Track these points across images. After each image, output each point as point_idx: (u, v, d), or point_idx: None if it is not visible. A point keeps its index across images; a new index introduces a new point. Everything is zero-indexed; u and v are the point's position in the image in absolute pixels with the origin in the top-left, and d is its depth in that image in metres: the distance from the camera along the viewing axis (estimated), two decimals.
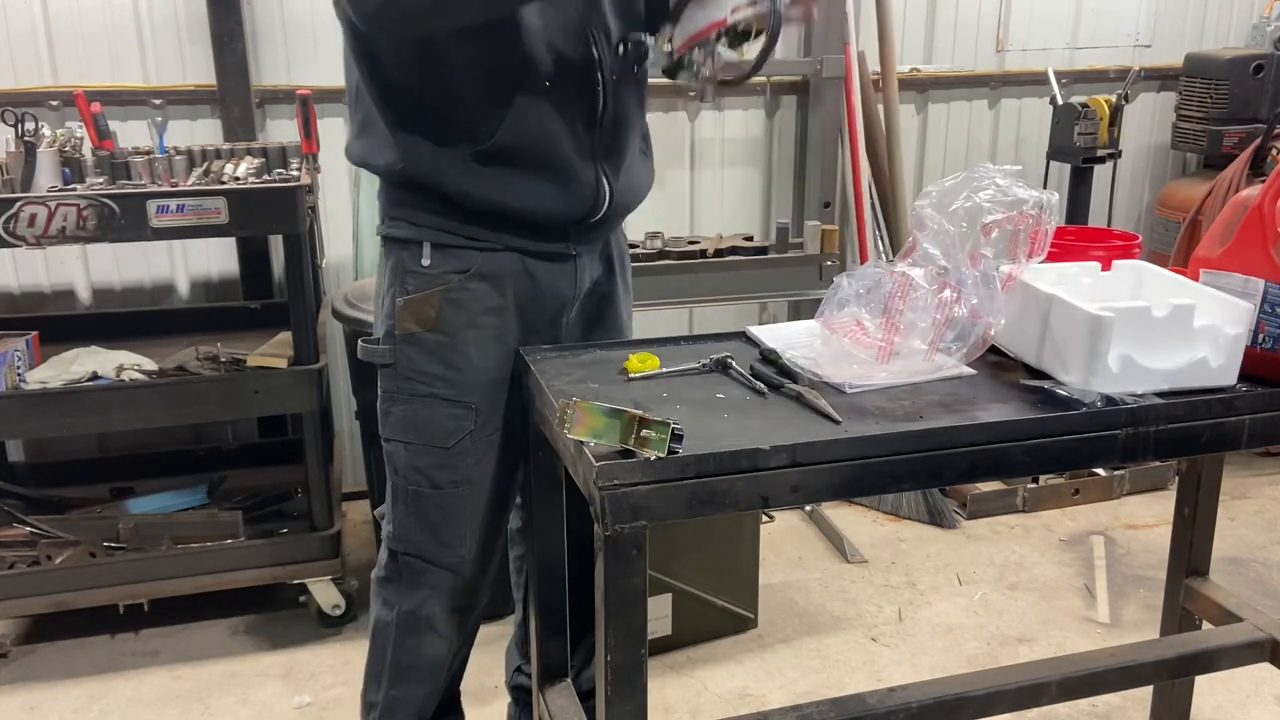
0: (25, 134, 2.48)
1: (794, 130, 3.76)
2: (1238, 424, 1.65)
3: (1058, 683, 2.02)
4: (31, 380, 2.60)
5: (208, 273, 3.33)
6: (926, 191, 1.72)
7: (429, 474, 1.81)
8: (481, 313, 1.77)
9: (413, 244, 1.76)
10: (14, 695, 2.62)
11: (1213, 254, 1.77)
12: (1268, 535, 3.40)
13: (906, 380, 1.66)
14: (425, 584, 1.87)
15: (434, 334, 1.76)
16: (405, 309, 1.76)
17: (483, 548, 1.88)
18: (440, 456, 1.80)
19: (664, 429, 1.36)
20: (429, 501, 1.83)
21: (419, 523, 1.84)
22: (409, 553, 1.87)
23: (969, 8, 3.86)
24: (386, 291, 1.80)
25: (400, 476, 1.84)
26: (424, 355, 1.77)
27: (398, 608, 1.89)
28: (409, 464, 1.82)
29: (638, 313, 3.51)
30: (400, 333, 1.77)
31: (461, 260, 1.75)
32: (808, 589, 3.10)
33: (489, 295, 1.77)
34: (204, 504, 2.96)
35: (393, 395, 1.81)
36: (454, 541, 1.85)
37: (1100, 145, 3.65)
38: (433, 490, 1.82)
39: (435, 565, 1.86)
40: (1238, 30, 4.21)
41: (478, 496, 1.84)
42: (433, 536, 1.84)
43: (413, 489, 1.83)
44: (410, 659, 1.91)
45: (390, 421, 1.83)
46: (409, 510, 1.85)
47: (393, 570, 1.90)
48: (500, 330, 1.79)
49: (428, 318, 1.76)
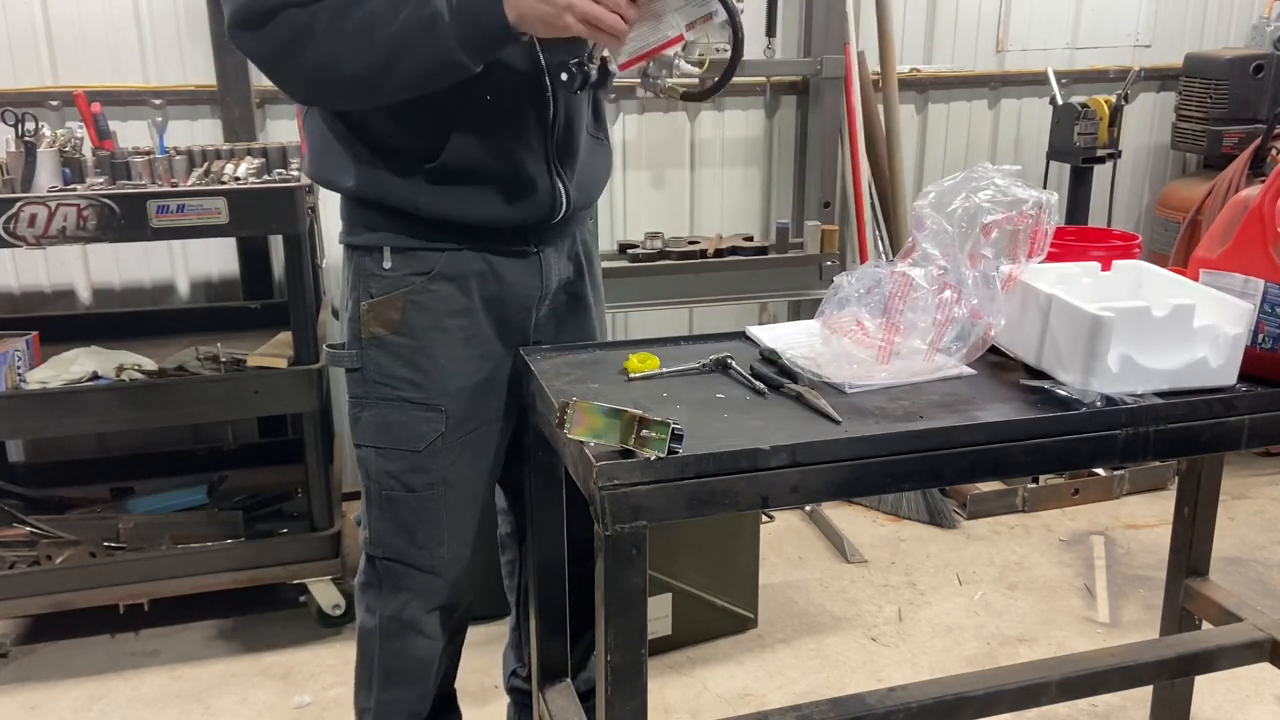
0: (25, 134, 2.48)
1: (794, 130, 3.76)
2: (1238, 424, 1.65)
3: (1058, 683, 2.01)
4: (31, 380, 2.60)
5: (208, 273, 3.33)
6: (925, 191, 1.72)
7: (402, 478, 1.79)
8: (447, 315, 1.75)
9: (373, 249, 1.74)
10: (14, 695, 2.62)
11: (1213, 254, 1.77)
12: (1268, 535, 3.40)
13: (906, 380, 1.66)
14: (405, 587, 1.85)
15: (399, 337, 1.74)
16: (369, 312, 1.75)
17: (463, 547, 1.86)
18: (412, 460, 1.78)
19: (664, 429, 1.36)
20: (403, 505, 1.80)
21: (395, 527, 1.82)
22: (387, 557, 1.84)
23: (969, 8, 3.86)
24: (349, 296, 1.79)
25: (373, 481, 1.82)
26: (390, 358, 1.75)
27: (379, 612, 1.87)
28: (381, 468, 1.80)
29: (638, 313, 3.56)
30: (366, 336, 1.76)
31: (423, 262, 1.73)
32: (808, 589, 3.10)
33: (454, 297, 1.75)
34: (204, 504, 2.95)
35: (361, 400, 1.79)
36: (431, 544, 1.82)
37: (1100, 145, 3.65)
38: (406, 494, 1.80)
39: (414, 568, 1.83)
40: (1238, 30, 4.20)
41: (454, 498, 1.82)
42: (409, 540, 1.82)
43: (386, 493, 1.81)
44: (397, 662, 1.89)
45: (360, 427, 1.81)
46: (384, 515, 1.82)
47: (372, 575, 1.87)
48: (469, 332, 1.77)
49: (392, 321, 1.74)
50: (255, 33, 1.55)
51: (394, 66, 1.54)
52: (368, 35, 1.52)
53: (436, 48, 1.52)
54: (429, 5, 1.51)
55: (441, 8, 1.50)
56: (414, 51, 1.52)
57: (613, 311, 3.30)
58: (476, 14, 1.50)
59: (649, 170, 3.65)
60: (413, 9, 1.51)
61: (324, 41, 1.53)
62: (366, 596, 1.90)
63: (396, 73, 1.54)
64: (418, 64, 1.54)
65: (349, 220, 1.78)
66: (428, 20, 1.50)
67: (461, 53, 1.52)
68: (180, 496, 2.97)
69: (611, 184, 3.58)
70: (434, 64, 1.54)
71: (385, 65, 1.54)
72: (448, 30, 1.50)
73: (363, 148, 1.70)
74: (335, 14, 1.53)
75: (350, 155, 1.71)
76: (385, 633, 1.88)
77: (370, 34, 1.52)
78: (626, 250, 3.29)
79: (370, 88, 1.58)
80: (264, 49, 1.58)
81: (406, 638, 1.87)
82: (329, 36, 1.53)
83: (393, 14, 1.52)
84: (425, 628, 1.88)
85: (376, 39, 1.52)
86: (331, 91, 1.62)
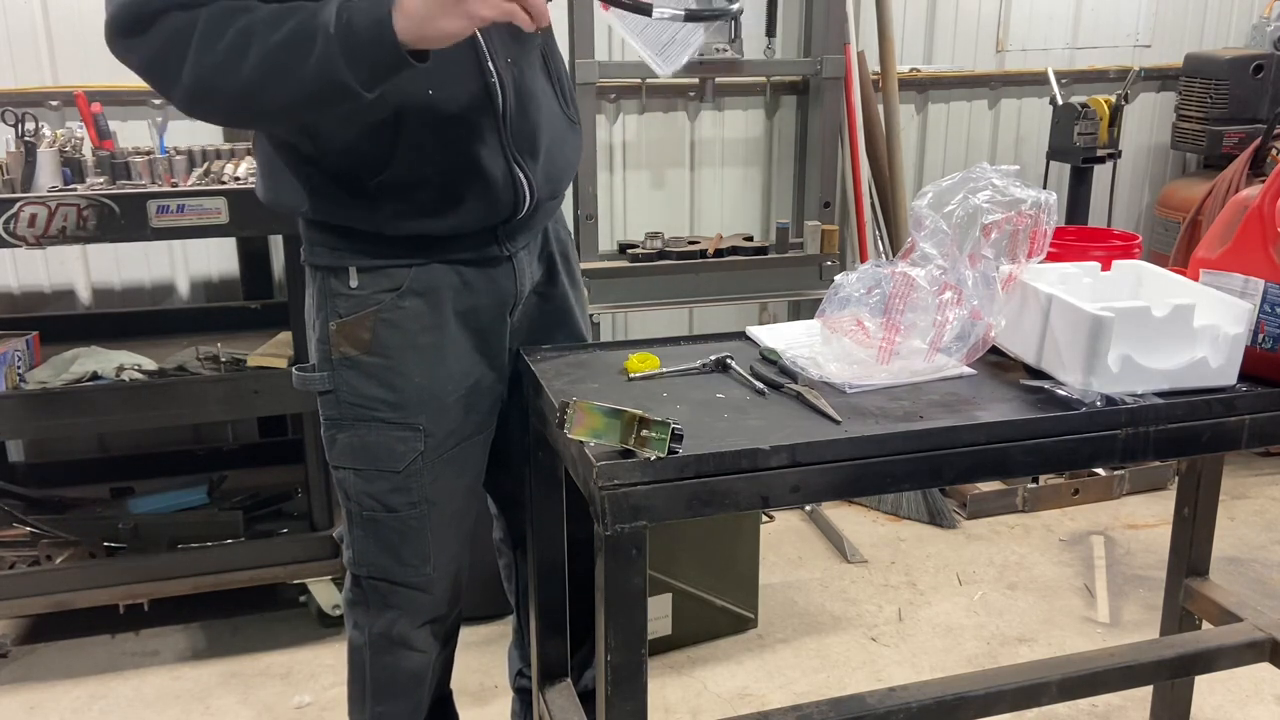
0: (25, 134, 2.48)
1: (794, 130, 3.76)
2: (1238, 424, 1.65)
3: (1058, 683, 2.02)
4: (31, 380, 2.60)
5: (208, 273, 3.33)
6: (923, 192, 1.71)
7: (382, 499, 1.74)
8: (419, 331, 1.68)
9: (338, 269, 1.67)
10: (14, 695, 2.62)
11: (1213, 254, 1.77)
12: (1268, 535, 3.40)
13: (906, 380, 1.66)
14: (393, 605, 1.80)
15: (371, 357, 1.68)
16: (338, 332, 1.68)
17: (450, 561, 1.82)
18: (393, 480, 1.72)
19: (664, 429, 1.36)
20: (386, 526, 1.75)
21: (379, 546, 1.77)
22: (372, 576, 1.79)
23: (969, 8, 3.86)
24: (316, 316, 1.71)
25: (353, 503, 1.76)
26: (363, 379, 1.69)
27: (368, 629, 1.83)
28: (361, 490, 1.74)
29: (638, 313, 3.56)
30: (336, 357, 1.69)
31: (391, 279, 1.66)
32: (808, 589, 3.10)
33: (425, 313, 1.68)
34: (204, 504, 2.95)
35: (336, 422, 1.73)
36: (417, 561, 1.78)
37: (1100, 145, 3.65)
38: (388, 514, 1.74)
39: (401, 585, 1.79)
40: (1238, 30, 4.21)
41: (437, 515, 1.77)
42: (394, 558, 1.77)
43: (368, 515, 1.75)
44: (389, 676, 1.86)
45: (336, 448, 1.74)
46: (366, 535, 1.77)
47: (358, 594, 1.83)
48: (443, 348, 1.71)
49: (362, 340, 1.67)
50: (134, 39, 1.44)
51: (270, 84, 1.40)
52: (243, 47, 1.38)
53: (320, 66, 1.37)
54: (316, 18, 1.37)
55: (329, 21, 1.36)
56: (294, 69, 1.38)
57: (613, 311, 3.31)
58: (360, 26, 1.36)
59: (649, 170, 3.65)
60: (297, 22, 1.38)
61: (198, 52, 1.39)
62: (354, 614, 1.85)
63: (274, 91, 1.41)
64: (300, 83, 1.39)
65: (310, 241, 1.70)
66: (309, 33, 1.37)
67: (348, 72, 1.37)
68: (180, 496, 2.96)
69: (611, 184, 3.59)
70: (318, 84, 1.39)
71: (261, 81, 1.40)
72: (332, 45, 1.36)
73: (311, 168, 1.61)
74: (214, 21, 1.39)
75: (300, 178, 1.62)
76: (375, 649, 1.84)
77: (247, 46, 1.38)
78: (626, 250, 3.29)
79: (249, 107, 1.45)
80: (139, 57, 1.45)
81: (397, 653, 1.84)
82: (203, 46, 1.39)
83: (274, 26, 1.38)
84: (416, 642, 1.84)
85: (253, 52, 1.38)
86: (211, 108, 1.49)
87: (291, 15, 1.39)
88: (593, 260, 3.17)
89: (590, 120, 3.20)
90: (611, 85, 3.46)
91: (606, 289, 3.16)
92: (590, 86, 3.10)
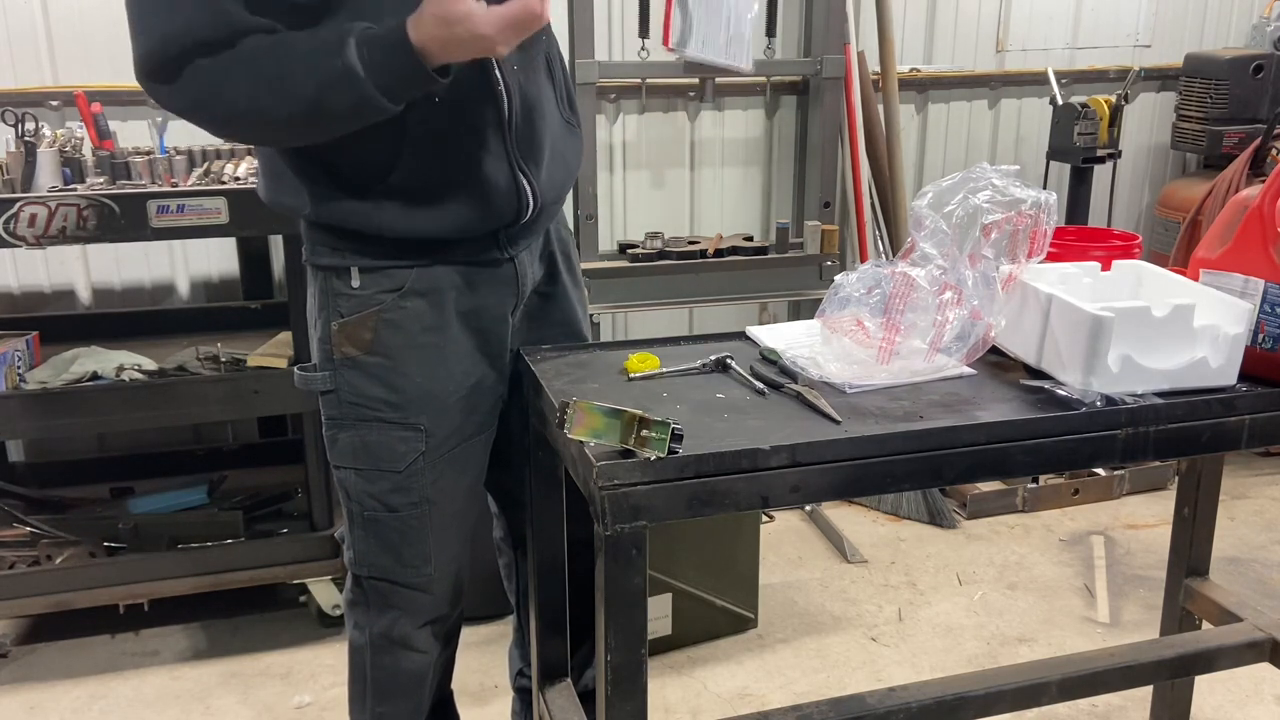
0: (25, 134, 2.48)
1: (794, 130, 3.76)
2: (1238, 424, 1.65)
3: (1058, 683, 2.02)
4: (31, 380, 2.60)
5: (208, 273, 3.33)
6: (923, 192, 1.71)
7: (383, 499, 1.74)
8: (420, 332, 1.69)
9: (340, 269, 1.68)
10: (14, 695, 2.62)
11: (1213, 254, 1.77)
12: (1268, 535, 3.40)
13: (906, 380, 1.66)
14: (394, 605, 1.81)
15: (373, 357, 1.68)
16: (340, 332, 1.68)
17: (451, 561, 1.82)
18: (394, 480, 1.73)
19: (664, 429, 1.36)
20: (387, 526, 1.76)
21: (380, 546, 1.77)
22: (373, 576, 1.80)
23: (969, 8, 3.86)
24: (318, 315, 1.72)
25: (354, 503, 1.76)
26: (365, 379, 1.69)
27: (369, 630, 1.83)
28: (362, 490, 1.75)
29: (638, 313, 3.56)
30: (338, 357, 1.70)
31: (393, 279, 1.67)
32: (808, 589, 3.10)
33: (427, 313, 1.69)
34: (204, 504, 2.95)
35: (337, 422, 1.73)
36: (418, 562, 1.78)
37: (1100, 145, 3.65)
38: (389, 514, 1.75)
39: (402, 586, 1.79)
40: (1238, 30, 4.21)
41: (438, 515, 1.77)
42: (395, 559, 1.78)
43: (369, 515, 1.76)
44: (389, 676, 1.86)
45: (338, 448, 1.75)
46: (367, 535, 1.77)
47: (359, 594, 1.83)
48: (445, 348, 1.71)
49: (364, 340, 1.68)
50: (168, 87, 1.49)
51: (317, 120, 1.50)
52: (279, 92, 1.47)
53: (358, 96, 1.46)
54: (340, 57, 1.44)
55: (353, 60, 1.44)
56: (336, 104, 1.47)
57: (613, 311, 3.31)
58: (387, 64, 1.44)
59: (649, 170, 3.65)
60: (324, 63, 1.45)
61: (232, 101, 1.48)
62: (355, 614, 1.85)
63: (321, 124, 1.51)
64: (342, 113, 1.49)
65: (311, 241, 1.71)
66: (341, 74, 1.44)
67: (384, 99, 1.47)
68: (180, 496, 2.96)
69: (611, 184, 3.59)
70: (360, 109, 1.48)
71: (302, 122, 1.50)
72: (365, 83, 1.45)
73: (315, 170, 1.63)
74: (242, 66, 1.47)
75: (303, 179, 1.64)
76: (376, 649, 1.84)
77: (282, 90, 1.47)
78: (626, 250, 3.29)
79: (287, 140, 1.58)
80: (180, 103, 1.52)
81: (398, 654, 1.84)
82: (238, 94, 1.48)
83: (307, 70, 1.46)
84: (416, 643, 1.84)
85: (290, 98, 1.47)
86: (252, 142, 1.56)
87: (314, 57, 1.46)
88: (593, 260, 3.17)
89: (590, 120, 3.20)
90: (611, 85, 3.46)
91: (606, 289, 3.16)
92: (590, 86, 3.10)
